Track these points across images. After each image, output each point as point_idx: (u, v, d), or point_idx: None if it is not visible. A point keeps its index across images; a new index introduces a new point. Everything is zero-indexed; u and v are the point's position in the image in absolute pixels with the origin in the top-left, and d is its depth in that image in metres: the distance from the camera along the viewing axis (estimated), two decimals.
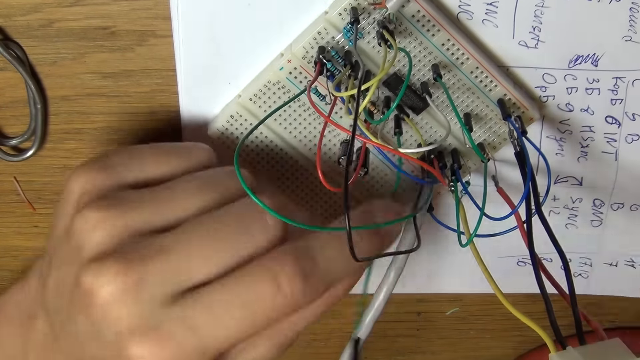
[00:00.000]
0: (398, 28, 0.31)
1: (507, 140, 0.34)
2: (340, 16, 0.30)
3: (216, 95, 0.33)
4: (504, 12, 0.31)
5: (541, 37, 0.32)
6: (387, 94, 0.32)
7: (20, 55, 0.32)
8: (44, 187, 0.36)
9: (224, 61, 0.32)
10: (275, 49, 0.32)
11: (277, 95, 0.32)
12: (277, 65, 0.32)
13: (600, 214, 0.37)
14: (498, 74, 0.32)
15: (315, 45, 0.31)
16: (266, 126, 0.33)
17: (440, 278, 0.40)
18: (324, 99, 0.32)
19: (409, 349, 0.44)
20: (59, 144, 0.35)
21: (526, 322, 0.27)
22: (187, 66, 0.32)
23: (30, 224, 0.37)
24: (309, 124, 0.33)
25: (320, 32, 0.31)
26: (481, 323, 0.43)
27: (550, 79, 0.33)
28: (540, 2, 0.31)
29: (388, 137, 0.33)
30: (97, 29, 0.32)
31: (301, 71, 0.32)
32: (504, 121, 0.32)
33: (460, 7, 0.31)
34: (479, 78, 0.32)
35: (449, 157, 0.34)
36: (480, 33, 0.32)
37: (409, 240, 0.34)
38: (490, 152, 0.34)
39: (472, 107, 0.33)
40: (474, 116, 0.33)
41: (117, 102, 0.34)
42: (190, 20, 0.31)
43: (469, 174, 0.35)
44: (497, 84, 0.32)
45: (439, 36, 0.31)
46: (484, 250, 0.39)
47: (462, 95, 0.33)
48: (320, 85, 0.32)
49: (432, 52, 0.31)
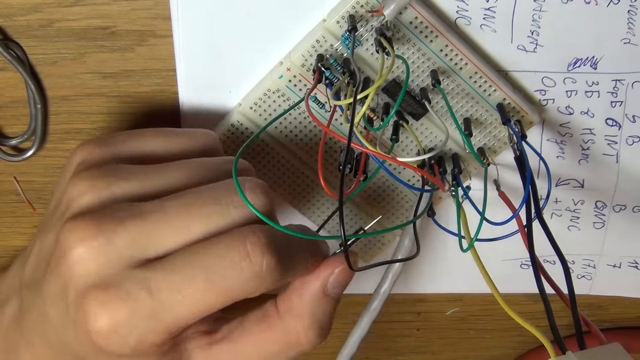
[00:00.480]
0: (396, 35, 0.31)
1: (507, 144, 0.34)
2: (338, 24, 0.30)
3: (216, 99, 0.33)
4: (502, 16, 0.31)
5: (540, 41, 0.32)
6: (387, 100, 0.32)
7: (20, 55, 0.32)
8: (44, 187, 0.36)
9: (223, 68, 0.32)
10: (275, 56, 0.32)
11: (277, 103, 0.32)
12: (276, 73, 0.32)
13: (603, 216, 0.37)
14: (497, 79, 0.32)
15: (314, 53, 0.31)
16: (267, 133, 0.33)
17: (440, 278, 0.40)
18: (323, 106, 0.32)
19: (409, 349, 0.44)
20: (59, 144, 0.35)
21: (525, 326, 0.27)
22: (187, 73, 0.33)
23: (30, 224, 0.37)
24: (309, 131, 0.33)
25: (318, 40, 0.31)
26: (481, 323, 0.43)
27: (550, 83, 0.33)
28: (538, 6, 0.31)
29: (388, 143, 0.33)
30: (97, 29, 0.32)
31: (300, 79, 0.32)
32: (503, 125, 0.32)
33: (458, 12, 0.31)
34: (477, 83, 0.32)
35: (450, 162, 0.34)
36: (478, 38, 0.32)
37: (406, 245, 0.34)
38: (490, 156, 0.34)
39: (471, 112, 0.33)
40: (473, 121, 0.33)
41: (117, 102, 0.34)
42: (190, 30, 0.31)
43: (469, 178, 0.35)
44: (496, 89, 0.32)
45: (437, 42, 0.31)
46: (487, 253, 0.39)
47: (462, 101, 0.33)
48: (320, 92, 0.32)
49: (431, 58, 0.31)
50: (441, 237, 0.38)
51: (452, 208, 0.36)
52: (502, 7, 0.31)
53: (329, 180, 0.35)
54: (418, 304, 0.42)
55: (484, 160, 0.33)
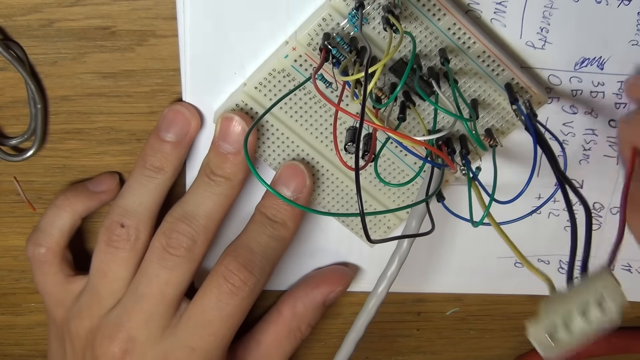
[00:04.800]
0: (403, 13, 0.30)
1: (515, 125, 0.33)
2: (344, 2, 0.30)
3: (220, 91, 0.33)
4: (513, 11, 0.31)
5: (548, 38, 0.32)
6: (394, 80, 0.32)
7: (20, 55, 0.32)
8: (44, 187, 0.36)
9: (230, 51, 0.32)
10: (280, 37, 0.32)
11: (283, 83, 0.32)
12: (282, 53, 0.31)
13: (600, 217, 0.37)
14: (505, 58, 0.32)
15: (320, 32, 0.31)
16: (272, 114, 0.33)
17: (440, 278, 0.40)
18: (330, 86, 0.32)
19: (409, 349, 0.44)
20: (59, 144, 0.35)
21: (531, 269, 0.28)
22: (191, 59, 0.32)
23: (30, 224, 0.37)
24: (314, 112, 0.33)
25: (325, 19, 0.30)
26: (481, 323, 0.43)
27: (556, 81, 0.33)
28: (549, 3, 0.31)
29: (394, 124, 0.32)
30: (97, 29, 0.32)
31: (306, 59, 0.31)
32: (512, 106, 0.31)
33: (470, 5, 0.31)
34: (485, 62, 0.32)
35: (457, 143, 0.33)
36: (488, 32, 0.32)
37: (413, 227, 0.33)
38: (499, 137, 0.33)
39: (479, 93, 0.33)
40: (481, 102, 0.33)
41: (117, 102, 0.34)
42: (197, 9, 0.31)
43: (479, 159, 0.34)
44: (505, 68, 0.32)
45: (445, 20, 0.31)
46: (481, 251, 0.39)
47: (470, 81, 0.32)
48: (325, 72, 0.31)
49: (438, 36, 0.31)
50: (442, 237, 0.38)
51: (458, 195, 0.35)
52: (513, 2, 0.31)
53: (334, 163, 0.35)
54: (418, 304, 0.42)
55: (490, 142, 0.32)
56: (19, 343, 0.42)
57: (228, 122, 0.32)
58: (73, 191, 0.36)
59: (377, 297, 0.35)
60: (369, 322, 0.35)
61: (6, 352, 0.43)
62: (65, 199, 0.35)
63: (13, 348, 0.42)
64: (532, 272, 0.28)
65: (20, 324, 0.41)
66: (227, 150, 0.33)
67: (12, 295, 0.40)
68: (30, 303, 0.40)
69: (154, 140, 0.34)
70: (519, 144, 0.35)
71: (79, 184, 0.36)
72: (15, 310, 0.41)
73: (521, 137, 0.34)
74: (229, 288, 0.33)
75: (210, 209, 0.33)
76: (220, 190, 0.33)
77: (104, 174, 0.36)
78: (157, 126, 0.34)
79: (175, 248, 0.33)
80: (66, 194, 0.35)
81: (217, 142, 0.33)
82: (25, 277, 0.39)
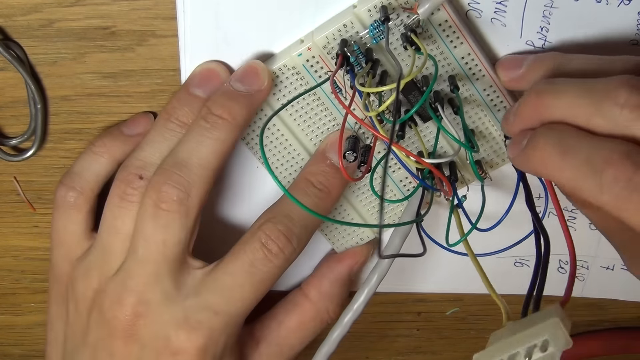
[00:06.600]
0: (423, 34, 0.31)
1: (504, 162, 0.34)
2: (368, 12, 0.30)
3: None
4: (513, 11, 0.31)
5: (548, 37, 0.32)
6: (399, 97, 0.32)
7: (20, 55, 0.32)
8: (44, 187, 0.36)
9: (229, 51, 0.32)
10: (281, 39, 0.32)
11: (290, 80, 0.32)
12: (294, 50, 0.31)
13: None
14: (509, 96, 0.32)
15: (338, 37, 0.31)
16: (278, 117, 0.33)
17: (440, 278, 0.40)
18: (340, 91, 0.32)
19: (409, 349, 0.44)
20: (59, 144, 0.35)
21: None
22: (191, 59, 0.32)
23: (30, 224, 0.37)
24: (319, 119, 0.33)
25: (345, 25, 0.30)
26: (481, 323, 0.43)
27: None
28: (549, 2, 0.31)
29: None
30: (97, 29, 0.32)
31: (318, 60, 0.31)
32: (505, 141, 0.32)
33: (470, 4, 0.31)
34: (490, 97, 0.32)
35: (447, 168, 0.34)
36: (488, 31, 0.32)
37: (396, 244, 0.34)
38: (487, 170, 0.34)
39: (477, 124, 0.33)
40: (477, 133, 0.33)
41: (117, 102, 0.34)
42: (197, 9, 0.31)
43: (467, 188, 0.35)
44: (507, 105, 0.32)
45: (461, 48, 0.31)
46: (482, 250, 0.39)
47: (471, 111, 0.33)
48: (336, 78, 0.32)
49: (451, 63, 0.31)
50: (441, 237, 0.38)
51: (438, 216, 0.36)
52: (513, 1, 0.31)
53: None
54: (418, 304, 0.42)
55: (481, 174, 0.33)
56: (19, 343, 0.42)
57: (250, 65, 0.32)
58: (109, 136, 0.34)
59: (353, 312, 0.35)
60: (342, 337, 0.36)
61: (6, 352, 0.43)
62: (102, 145, 0.34)
63: (13, 348, 0.42)
64: (496, 300, 0.31)
65: (20, 324, 0.41)
66: (239, 89, 0.31)
67: (12, 295, 0.40)
68: (30, 303, 0.41)
69: (182, 94, 0.32)
70: (505, 176, 0.36)
71: (113, 128, 0.34)
72: (15, 310, 0.41)
73: (505, 168, 0.35)
74: (265, 254, 0.31)
75: (204, 156, 0.31)
76: (217, 135, 0.31)
77: (139, 114, 0.34)
78: (186, 82, 0.33)
79: (167, 202, 0.30)
80: (103, 139, 0.34)
81: (230, 81, 0.32)
82: (25, 277, 0.40)
